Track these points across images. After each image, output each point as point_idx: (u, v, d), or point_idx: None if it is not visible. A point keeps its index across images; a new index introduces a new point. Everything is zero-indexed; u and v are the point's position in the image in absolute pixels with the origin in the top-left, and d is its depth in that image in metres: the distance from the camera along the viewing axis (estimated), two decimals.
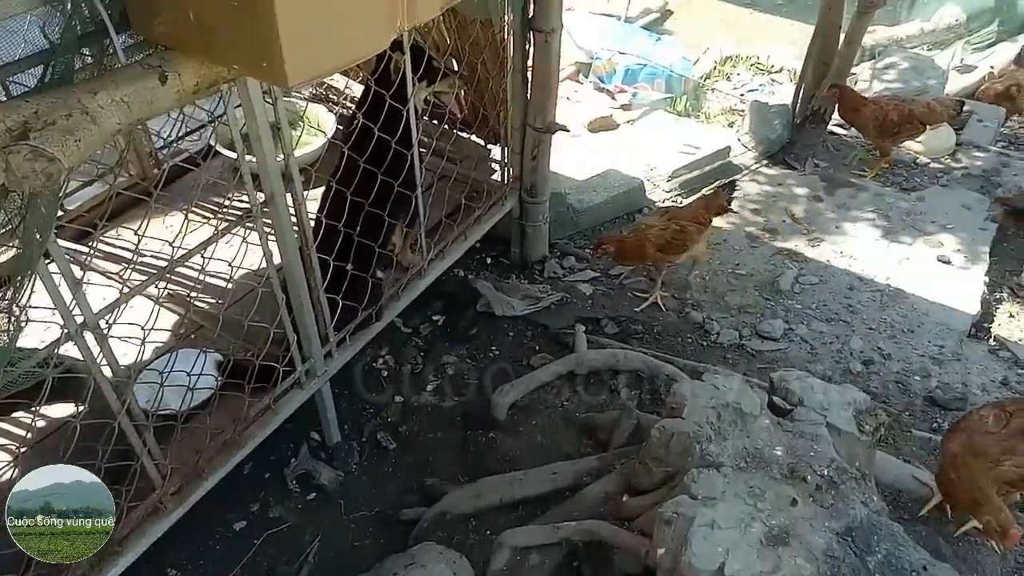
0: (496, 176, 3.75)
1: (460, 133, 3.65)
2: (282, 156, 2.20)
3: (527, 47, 3.23)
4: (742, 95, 5.29)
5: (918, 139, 4.73)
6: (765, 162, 4.65)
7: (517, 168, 3.65)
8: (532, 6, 3.09)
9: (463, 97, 3.52)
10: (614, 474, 2.42)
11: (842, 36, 4.43)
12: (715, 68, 5.74)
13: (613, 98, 5.37)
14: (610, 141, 5.05)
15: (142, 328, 2.07)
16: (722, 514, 1.82)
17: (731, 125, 5.02)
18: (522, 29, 3.17)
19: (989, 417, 2.28)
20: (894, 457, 2.63)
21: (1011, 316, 3.65)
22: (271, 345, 2.50)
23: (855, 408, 2.16)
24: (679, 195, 4.45)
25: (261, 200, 2.22)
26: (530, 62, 3.27)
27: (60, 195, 1.47)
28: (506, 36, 3.16)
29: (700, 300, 3.73)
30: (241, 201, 2.53)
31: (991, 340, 3.50)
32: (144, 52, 1.63)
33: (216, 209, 3.34)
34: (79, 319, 1.83)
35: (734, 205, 4.25)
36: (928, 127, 4.29)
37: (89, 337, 1.87)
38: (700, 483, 1.91)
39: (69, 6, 1.47)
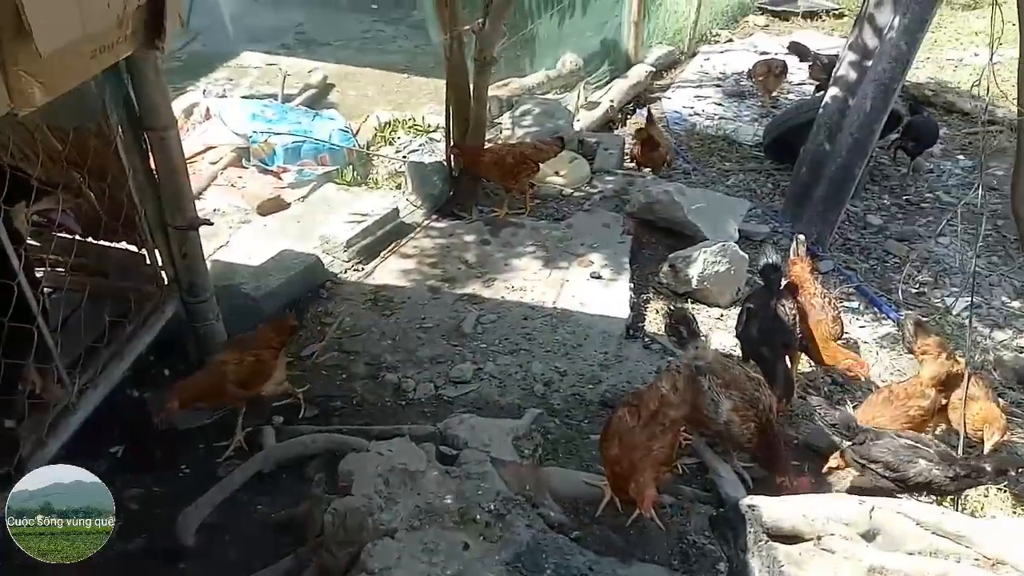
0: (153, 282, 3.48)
1: (105, 243, 3.35)
2: None
3: (144, 147, 3.06)
4: (404, 157, 5.54)
5: (561, 173, 5.34)
6: (434, 216, 4.90)
7: (171, 271, 3.42)
8: (138, 105, 2.94)
9: (84, 208, 3.22)
10: (311, 568, 2.32)
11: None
12: (376, 135, 5.96)
13: (279, 178, 5.31)
14: (284, 221, 4.97)
15: None
16: None
17: (399, 187, 5.23)
18: (133, 129, 2.99)
19: (626, 416, 2.57)
20: (571, 469, 2.85)
21: (657, 312, 4.21)
22: None
23: (513, 436, 2.31)
24: (360, 263, 4.51)
25: None
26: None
27: None
28: (115, 137, 2.97)
29: (393, 361, 3.77)
30: None
31: (645, 337, 3.99)
32: None
33: None
34: None
35: (412, 263, 4.43)
36: (542, 164, 4.93)
37: None
38: (376, 556, 1.90)
39: None
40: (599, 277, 4.30)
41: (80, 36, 1.85)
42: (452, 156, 4.95)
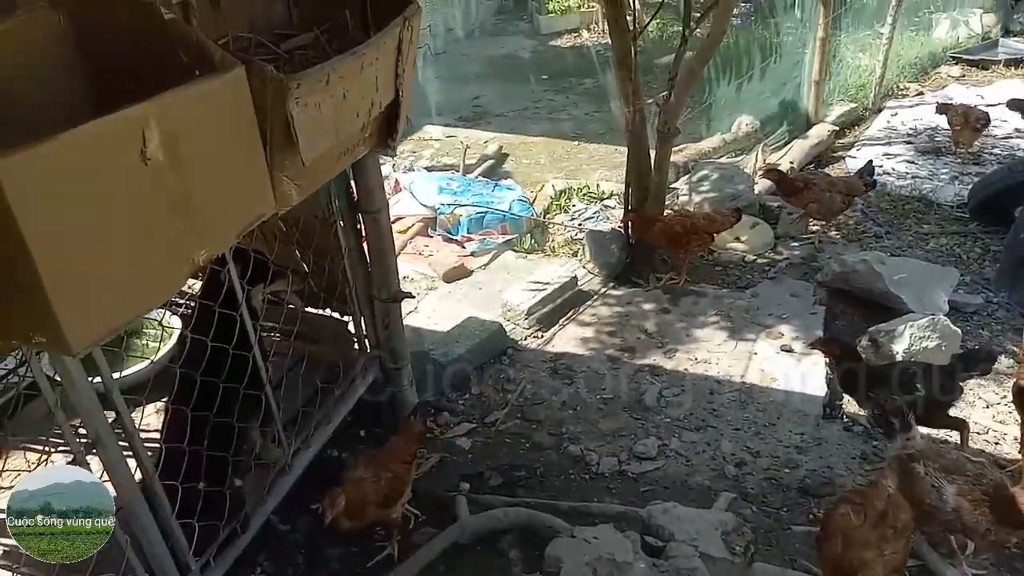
0: (354, 346, 3.74)
1: (314, 311, 3.66)
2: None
3: (358, 227, 3.34)
4: (580, 225, 5.63)
5: (742, 238, 5.19)
6: (612, 284, 4.91)
7: (373, 338, 3.67)
8: (356, 191, 3.22)
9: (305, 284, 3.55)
10: None
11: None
12: (552, 203, 6.12)
13: (463, 246, 5.57)
14: (467, 287, 5.20)
15: None
16: None
17: (575, 255, 5.31)
18: (351, 212, 3.28)
19: (849, 514, 2.38)
20: (774, 566, 2.68)
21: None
22: None
23: (723, 531, 2.21)
24: (539, 330, 4.59)
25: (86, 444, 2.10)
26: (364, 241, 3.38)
27: None
28: (337, 221, 3.27)
29: (575, 432, 3.77)
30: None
31: (844, 418, 3.72)
32: None
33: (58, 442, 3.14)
34: None
35: (590, 331, 4.44)
36: (714, 235, 4.79)
37: None
38: None
39: None
40: (790, 351, 4.09)
41: (333, 144, 2.07)
42: (627, 223, 4.95)
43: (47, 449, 3.12)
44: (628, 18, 4.42)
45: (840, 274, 4.48)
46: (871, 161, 5.39)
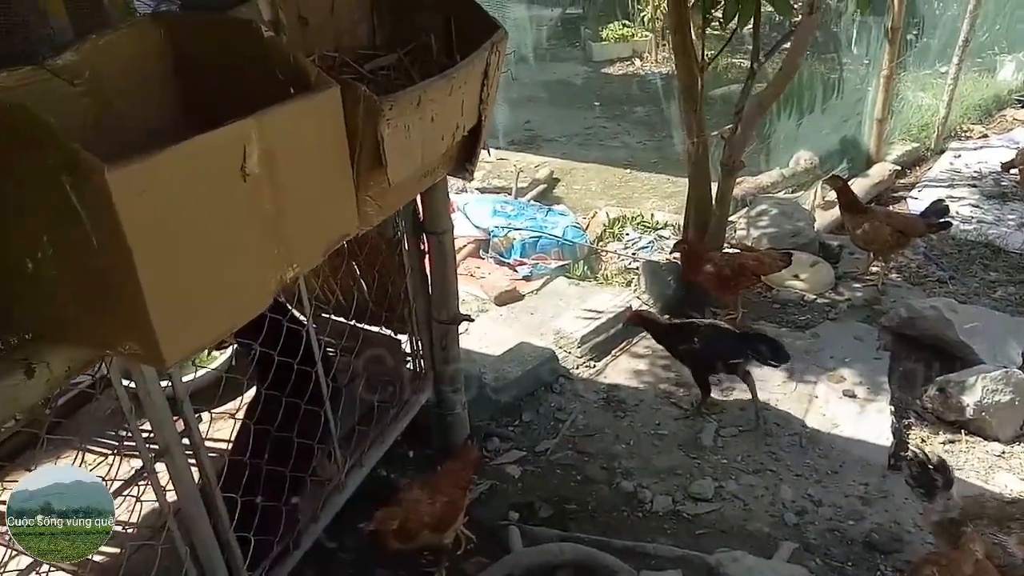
0: (410, 368, 3.73)
1: (369, 328, 3.66)
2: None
3: (422, 247, 3.34)
4: (633, 254, 5.57)
5: (801, 277, 5.07)
6: (667, 316, 4.81)
7: (429, 359, 3.64)
8: (422, 211, 3.22)
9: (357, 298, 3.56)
10: None
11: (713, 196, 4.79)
12: (605, 231, 6.07)
13: (515, 270, 5.55)
14: (517, 312, 5.16)
15: None
16: None
17: (628, 284, 5.24)
18: (415, 233, 3.27)
19: (935, 574, 2.27)
20: None
21: (923, 441, 3.77)
22: None
23: None
24: (592, 359, 4.52)
25: (155, 453, 2.10)
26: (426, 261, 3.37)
27: None
28: (401, 240, 3.27)
29: (629, 467, 3.69)
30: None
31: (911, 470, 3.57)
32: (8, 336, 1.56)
33: (116, 445, 3.16)
34: None
35: (644, 363, 4.35)
36: (762, 277, 4.62)
37: None
38: None
39: None
40: (853, 396, 3.96)
41: (418, 167, 2.07)
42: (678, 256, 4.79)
43: (105, 452, 3.17)
44: (696, 49, 4.39)
45: (907, 319, 4.34)
46: (941, 200, 5.17)
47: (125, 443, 3.23)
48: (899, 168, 7.05)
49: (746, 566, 2.16)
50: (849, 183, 5.34)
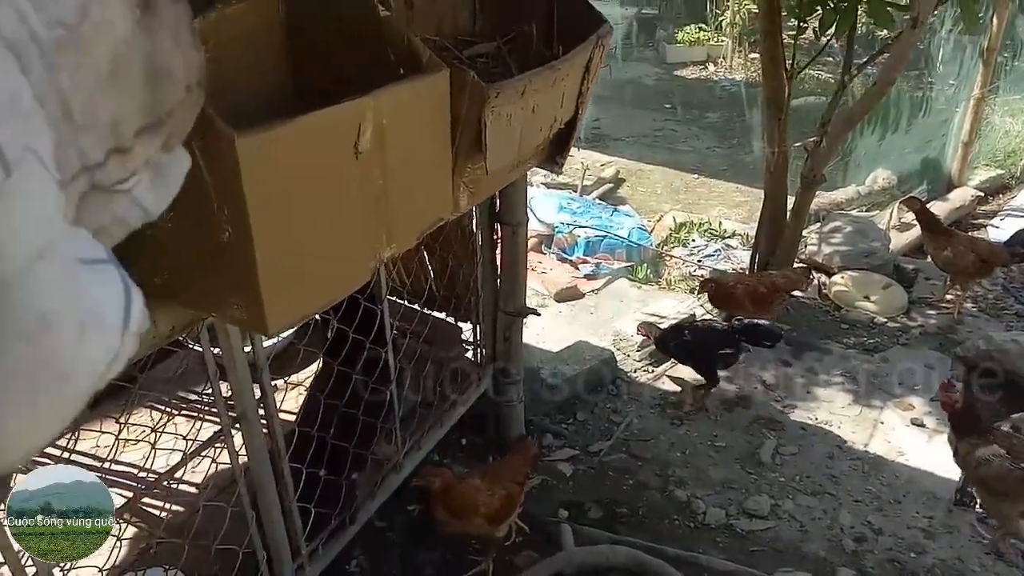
0: (469, 355, 3.74)
1: (433, 313, 3.68)
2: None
3: (495, 238, 3.34)
4: (699, 261, 5.49)
5: (872, 298, 4.93)
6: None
7: (490, 349, 3.65)
8: (499, 201, 3.22)
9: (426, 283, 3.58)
10: None
11: (789, 207, 4.69)
12: (670, 235, 5.99)
13: (576, 268, 5.52)
14: (577, 310, 5.14)
15: (100, 570, 1.91)
16: None
17: (692, 291, 5.17)
18: (489, 222, 3.28)
19: None
20: None
21: None
22: (241, 561, 2.33)
23: None
24: (650, 364, 4.48)
25: (232, 417, 2.14)
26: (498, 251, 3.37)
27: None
28: (475, 229, 3.28)
29: (683, 476, 3.64)
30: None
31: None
32: None
33: (181, 405, 3.26)
34: (29, 571, 1.68)
35: None
36: (789, 294, 4.49)
37: None
38: None
39: None
40: (921, 425, 3.84)
41: (514, 157, 2.06)
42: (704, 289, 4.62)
43: (172, 412, 3.26)
44: (784, 57, 4.29)
45: (984, 351, 4.17)
46: None
47: (193, 405, 3.33)
48: (981, 194, 6.79)
49: None
50: (927, 205, 5.16)
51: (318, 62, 1.94)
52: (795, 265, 4.80)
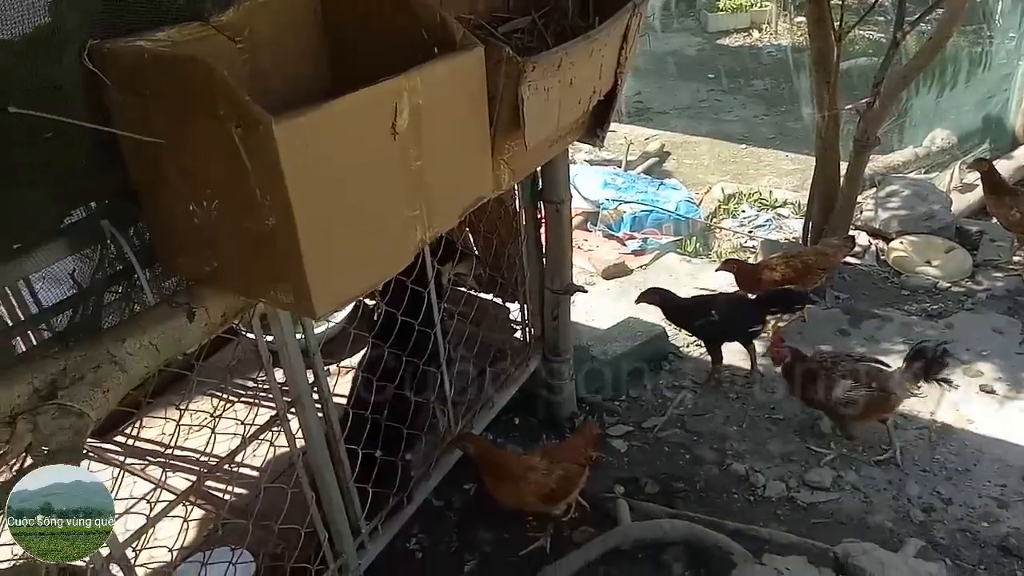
0: (517, 335, 3.75)
1: (480, 295, 3.70)
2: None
3: (538, 217, 3.32)
4: (750, 232, 5.37)
5: (934, 263, 4.75)
6: None
7: (539, 328, 3.65)
8: (541, 180, 3.20)
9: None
10: None
11: (842, 173, 4.53)
12: (719, 207, 5.87)
13: (623, 244, 5.46)
14: (626, 286, 5.08)
15: (170, 550, 1.99)
16: None
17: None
18: (532, 201, 3.26)
19: None
20: None
21: None
22: (304, 541, 2.39)
23: None
24: None
25: (287, 401, 2.19)
26: (542, 229, 3.35)
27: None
28: (518, 208, 3.26)
29: (740, 450, 3.58)
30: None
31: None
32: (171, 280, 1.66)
33: (240, 393, 3.35)
34: (104, 551, 1.75)
35: (760, 345, 4.19)
36: (825, 271, 4.29)
37: (115, 569, 1.79)
38: None
39: (98, 257, 1.50)
40: (991, 392, 3.69)
41: (553, 131, 2.04)
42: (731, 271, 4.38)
43: (232, 399, 3.36)
44: (832, 18, 4.13)
45: None
46: None
47: (251, 391, 3.42)
48: None
49: (877, 559, 2.06)
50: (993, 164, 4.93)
51: (356, 50, 1.95)
52: (850, 232, 4.64)
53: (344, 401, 2.84)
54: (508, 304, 3.83)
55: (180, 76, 1.40)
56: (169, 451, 2.16)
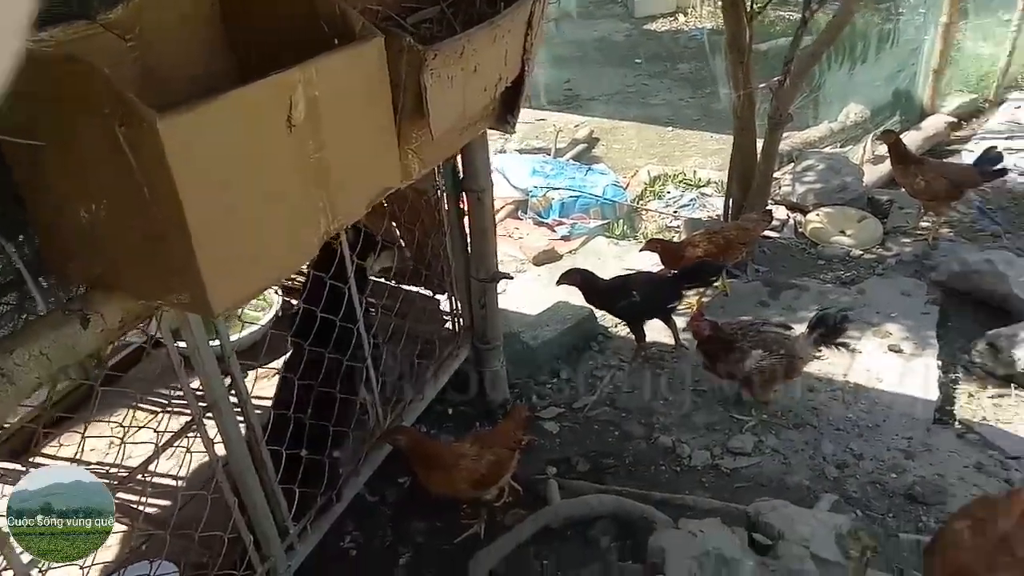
0: (447, 325, 3.76)
1: (407, 287, 3.70)
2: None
3: (461, 206, 3.33)
4: (675, 212, 5.49)
5: (848, 232, 4.95)
6: None
7: (467, 318, 3.67)
8: (462, 169, 3.21)
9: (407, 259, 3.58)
10: None
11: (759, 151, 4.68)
12: (646, 189, 5.99)
13: (553, 231, 5.52)
14: (555, 272, 5.12)
15: (81, 568, 1.94)
16: None
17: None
18: (455, 190, 3.27)
19: (964, 531, 2.21)
20: (884, 573, 2.55)
21: (970, 396, 3.70)
22: (228, 547, 2.36)
23: (836, 532, 2.11)
24: None
25: (203, 407, 2.16)
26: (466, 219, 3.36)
27: None
28: (440, 198, 3.27)
29: (667, 423, 3.69)
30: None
31: (957, 424, 3.52)
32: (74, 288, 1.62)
33: (164, 403, 3.26)
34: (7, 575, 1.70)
35: (683, 321, 4.31)
36: (746, 246, 4.44)
37: None
38: None
39: None
40: (899, 351, 3.89)
41: (460, 118, 2.05)
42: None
43: (155, 410, 3.27)
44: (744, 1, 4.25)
45: (958, 273, 4.21)
46: (994, 147, 4.90)
47: (174, 400, 3.34)
48: (955, 120, 6.77)
49: (786, 515, 2.16)
50: (901, 136, 5.16)
51: (254, 40, 1.92)
52: (768, 207, 4.81)
53: (268, 403, 2.81)
54: (437, 295, 3.84)
55: (62, 76, 1.37)
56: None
